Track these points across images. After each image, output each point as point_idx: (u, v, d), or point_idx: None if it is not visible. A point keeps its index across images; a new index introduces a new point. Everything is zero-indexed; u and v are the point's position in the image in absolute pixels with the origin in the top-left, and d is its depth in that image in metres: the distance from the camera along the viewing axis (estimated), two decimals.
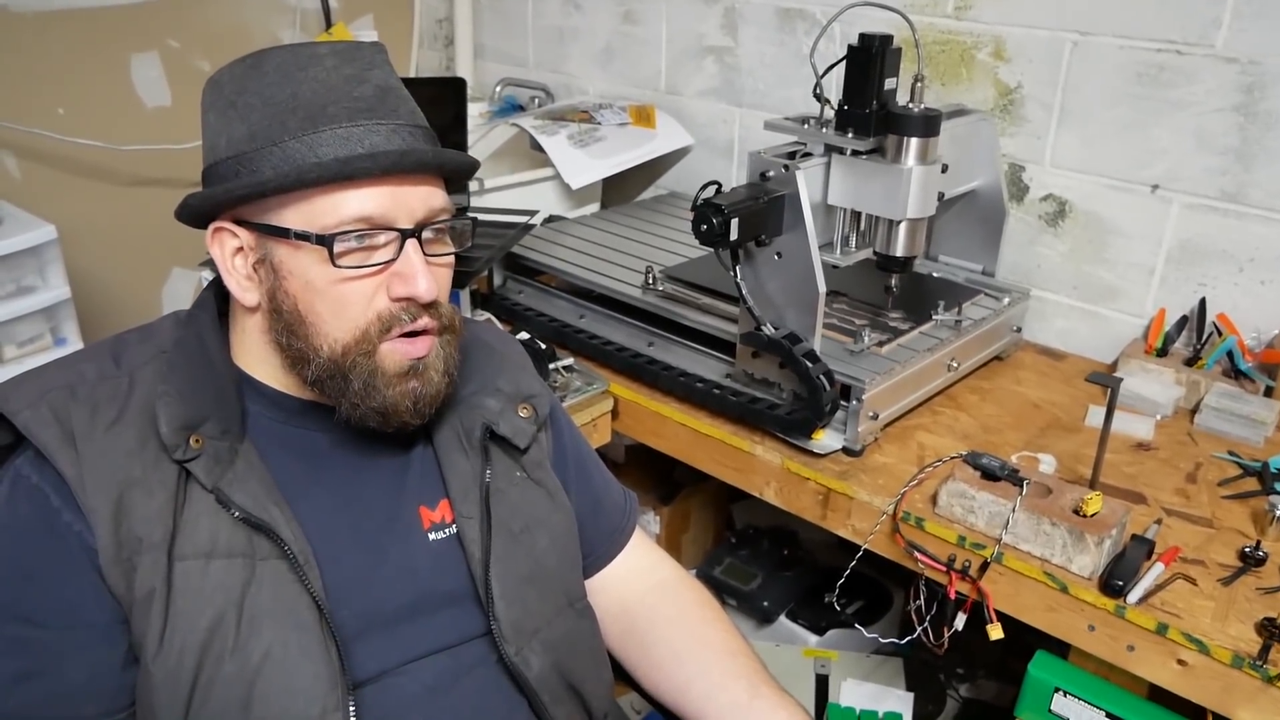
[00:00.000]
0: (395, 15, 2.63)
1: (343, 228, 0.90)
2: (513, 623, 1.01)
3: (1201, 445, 1.49)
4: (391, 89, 0.95)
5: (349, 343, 0.93)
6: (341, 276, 0.91)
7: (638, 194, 2.40)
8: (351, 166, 0.89)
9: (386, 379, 0.94)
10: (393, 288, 0.92)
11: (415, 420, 0.97)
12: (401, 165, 0.91)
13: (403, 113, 0.94)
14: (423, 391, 0.96)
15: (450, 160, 0.96)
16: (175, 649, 0.86)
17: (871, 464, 1.43)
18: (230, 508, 0.90)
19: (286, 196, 0.91)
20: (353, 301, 0.92)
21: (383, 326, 0.93)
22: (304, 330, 0.93)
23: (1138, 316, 1.73)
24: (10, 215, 1.71)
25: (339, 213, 0.90)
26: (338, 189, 0.90)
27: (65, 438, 0.87)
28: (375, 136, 0.91)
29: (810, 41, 1.98)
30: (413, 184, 0.93)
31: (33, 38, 2.01)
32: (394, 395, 0.94)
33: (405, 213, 0.92)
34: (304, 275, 0.92)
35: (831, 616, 1.94)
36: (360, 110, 0.91)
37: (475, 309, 1.84)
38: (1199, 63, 1.56)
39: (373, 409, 0.94)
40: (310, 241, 0.90)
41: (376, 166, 0.89)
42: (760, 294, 1.44)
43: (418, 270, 0.92)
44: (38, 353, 1.71)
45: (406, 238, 0.92)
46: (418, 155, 0.92)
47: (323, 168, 0.88)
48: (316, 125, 0.90)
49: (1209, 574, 1.20)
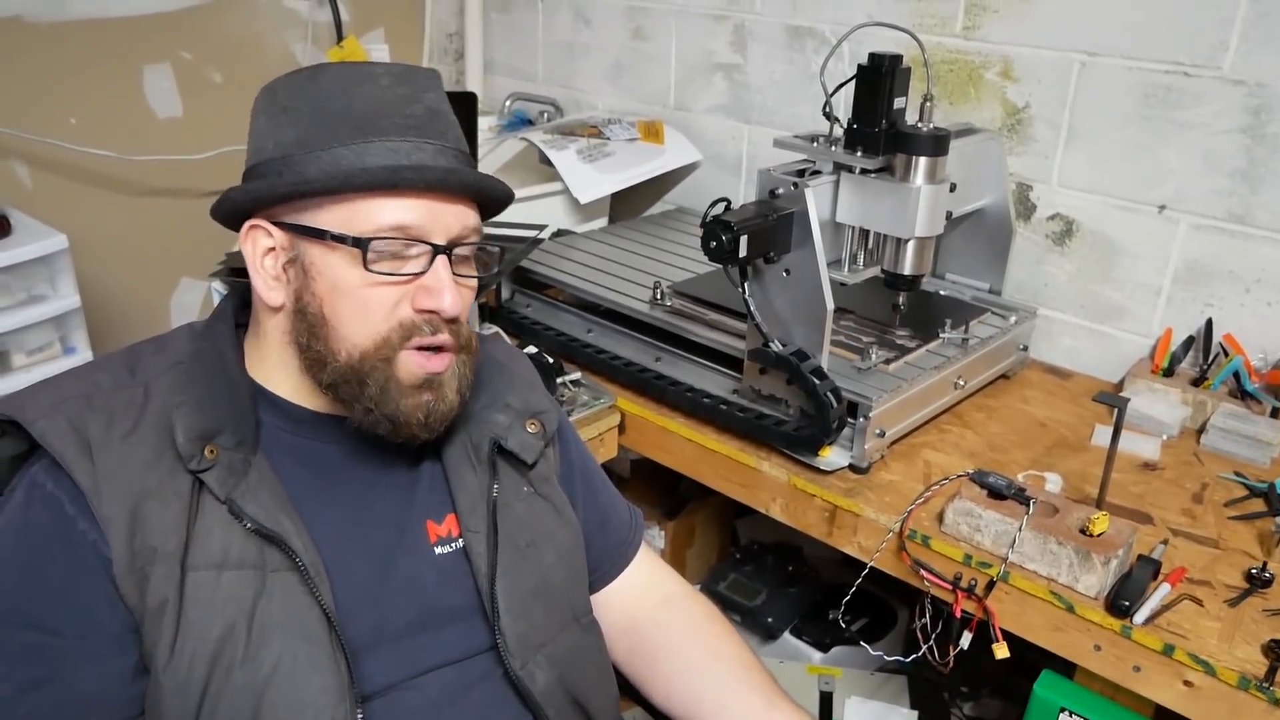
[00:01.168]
0: (406, 29, 2.65)
1: (379, 234, 0.91)
2: (518, 637, 1.01)
3: (1208, 466, 1.49)
4: (442, 113, 0.97)
5: (368, 348, 0.94)
6: (371, 281, 0.92)
7: (646, 209, 2.41)
8: (398, 176, 0.91)
9: (401, 388, 0.94)
10: (418, 299, 0.94)
11: (424, 434, 0.97)
12: (446, 183, 0.94)
13: (450, 136, 0.97)
14: (435, 406, 0.97)
15: (490, 188, 0.99)
16: (185, 659, 0.86)
17: (878, 481, 1.43)
18: (242, 519, 0.90)
19: (327, 199, 0.92)
20: (377, 308, 0.93)
21: (404, 334, 0.94)
22: (325, 332, 0.94)
23: (1144, 336, 1.73)
24: (22, 224, 1.72)
25: (377, 220, 0.92)
26: (379, 197, 0.92)
27: (81, 447, 0.88)
28: (422, 153, 0.93)
29: (819, 59, 1.99)
30: (450, 203, 0.95)
31: (46, 47, 2.02)
32: (408, 405, 0.95)
33: (440, 229, 0.94)
34: (334, 277, 0.93)
35: (836, 633, 1.94)
36: (410, 127, 0.94)
37: (483, 322, 1.85)
38: (1206, 85, 1.57)
39: (385, 416, 0.95)
40: (346, 244, 0.91)
41: (421, 179, 0.92)
42: (768, 310, 1.45)
43: (445, 285, 0.94)
44: (47, 361, 1.72)
45: (439, 253, 0.94)
46: (461, 176, 0.95)
47: (370, 173, 0.91)
48: (366, 136, 0.92)
49: (1215, 595, 1.20)
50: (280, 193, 0.93)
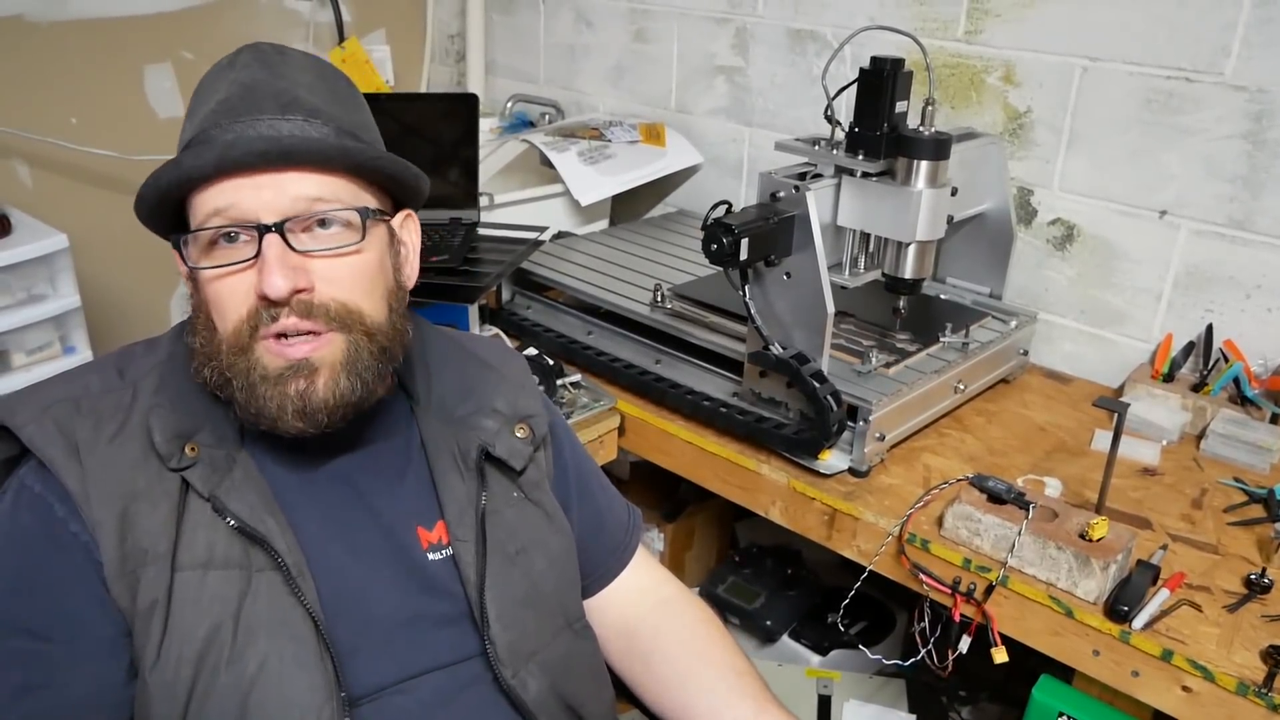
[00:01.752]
0: (407, 30, 2.65)
1: (199, 226, 0.89)
2: (509, 645, 1.00)
3: (1207, 471, 1.49)
4: (255, 84, 0.91)
5: (229, 343, 0.90)
6: (209, 276, 0.90)
7: (646, 211, 2.41)
8: (185, 166, 0.88)
9: (268, 381, 0.90)
10: (256, 285, 0.89)
11: (307, 425, 0.91)
12: (228, 158, 0.87)
13: (267, 106, 0.90)
14: (311, 393, 0.90)
15: (294, 146, 0.89)
16: (172, 659, 0.86)
17: (878, 485, 1.43)
18: (226, 515, 0.90)
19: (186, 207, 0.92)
20: (225, 301, 0.90)
21: (251, 325, 0.89)
22: (207, 334, 0.92)
23: (1145, 341, 1.73)
24: (22, 223, 1.72)
25: (199, 213, 0.90)
26: (198, 191, 0.89)
27: (69, 451, 0.87)
28: (227, 135, 0.89)
29: (820, 63, 1.99)
30: (271, 175, 0.89)
31: (47, 47, 2.02)
32: (276, 397, 0.90)
33: (264, 206, 0.88)
34: (196, 279, 0.93)
35: (834, 637, 1.94)
36: (223, 113, 0.90)
37: (483, 324, 1.85)
38: (1208, 90, 1.57)
39: (258, 411, 0.90)
40: (174, 245, 0.91)
41: (204, 162, 0.87)
42: (769, 313, 1.45)
43: (269, 265, 0.87)
44: (46, 361, 1.71)
45: (264, 233, 0.88)
46: (243, 145, 0.87)
47: (165, 172, 0.88)
48: (193, 135, 0.91)
49: (1214, 601, 1.20)
50: (139, 212, 0.92)
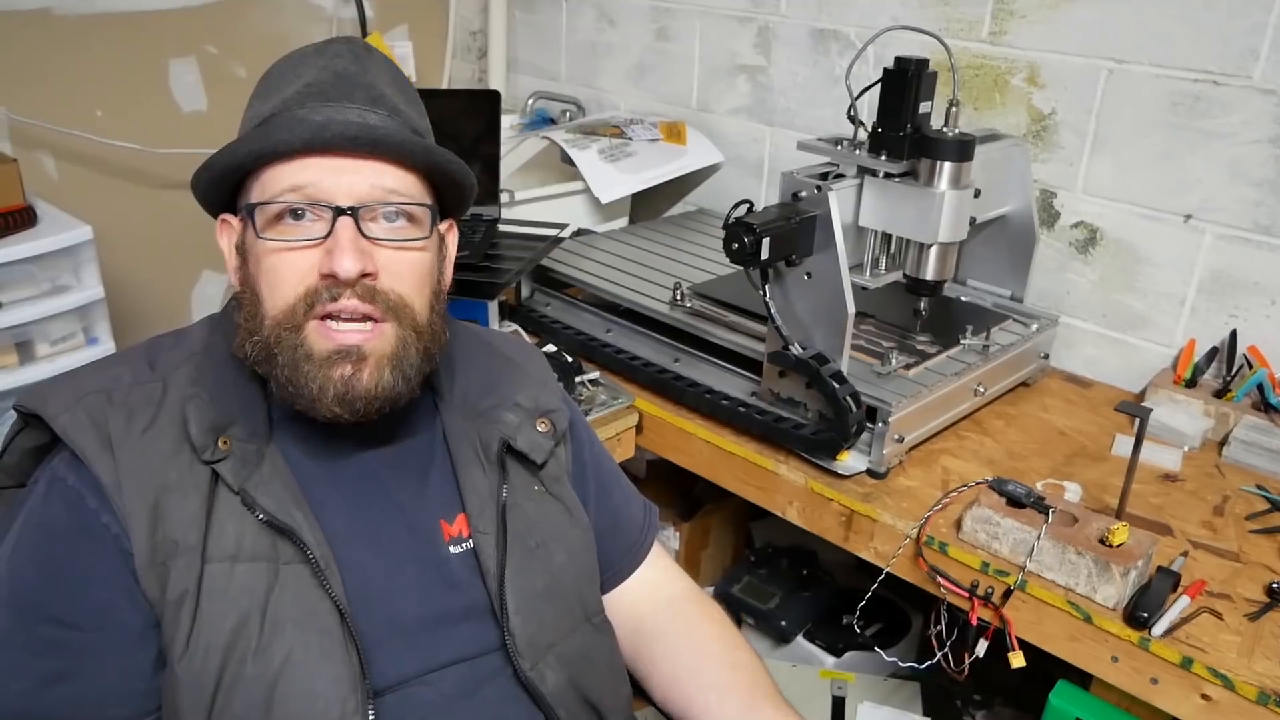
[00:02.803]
0: (430, 26, 2.66)
1: (274, 199, 0.91)
2: (528, 638, 1.00)
3: (1230, 478, 1.48)
4: (348, 74, 0.95)
5: (278, 317, 0.91)
6: (271, 249, 0.92)
7: (667, 209, 2.41)
8: (273, 139, 0.90)
9: (314, 361, 0.91)
10: (322, 264, 0.91)
11: (344, 412, 0.92)
12: (321, 136, 0.90)
13: (358, 96, 0.94)
14: (355, 381, 0.92)
15: (385, 137, 0.92)
16: (200, 650, 0.86)
17: (896, 487, 1.43)
18: (255, 509, 0.90)
19: (250, 180, 0.94)
20: (284, 276, 0.91)
21: (307, 303, 0.91)
22: (255, 308, 0.93)
23: (1167, 346, 1.72)
24: (47, 215, 1.73)
25: (274, 186, 0.92)
26: (277, 164, 0.91)
27: (102, 442, 0.88)
28: (317, 115, 0.92)
29: (843, 63, 1.99)
30: (356, 161, 0.92)
31: (74, 40, 2.04)
32: (320, 379, 0.91)
33: (343, 190, 0.91)
34: (254, 251, 0.94)
35: (850, 638, 1.93)
36: (312, 94, 0.93)
37: (503, 320, 1.85)
38: (1235, 93, 1.56)
39: (299, 392, 0.91)
40: (244, 214, 0.93)
41: (295, 137, 0.90)
42: (789, 313, 1.44)
43: (342, 246, 0.90)
44: (69, 351, 1.73)
45: (340, 215, 0.90)
46: (338, 126, 0.91)
47: (247, 141, 0.92)
48: (274, 112, 0.94)
49: (1235, 609, 1.19)
50: (201, 180, 0.95)
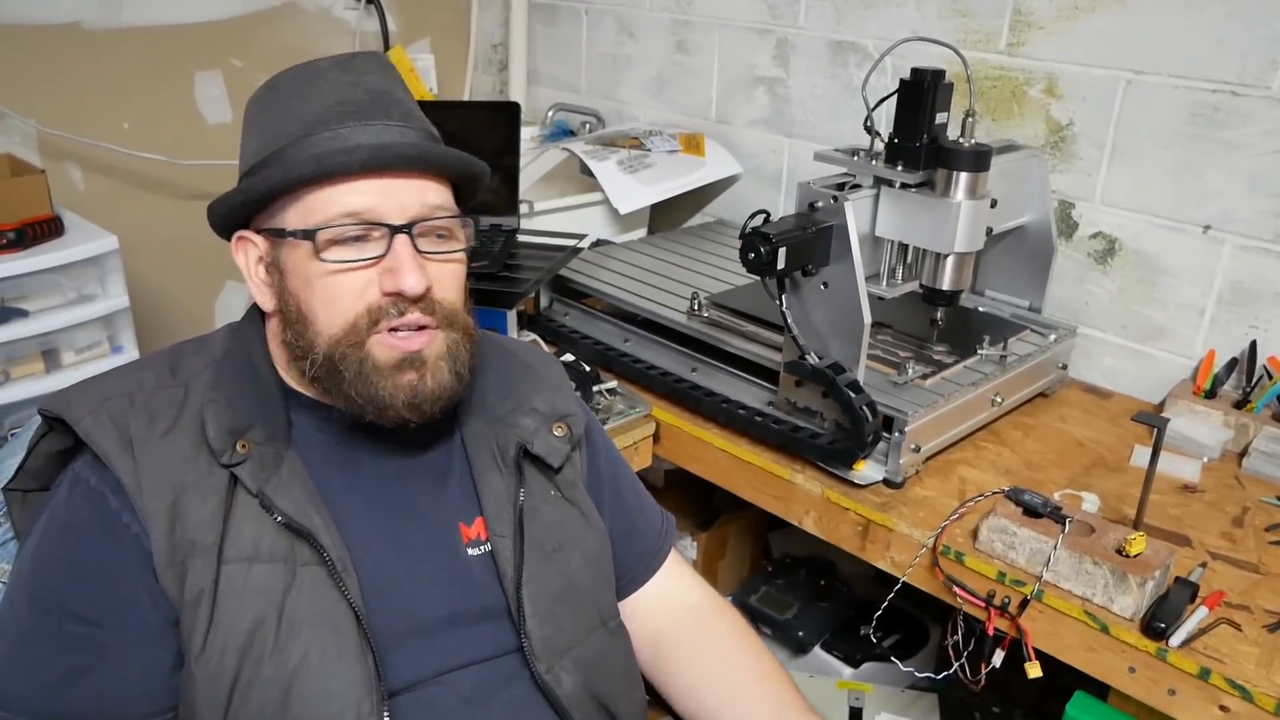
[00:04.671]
0: (451, 39, 2.68)
1: (330, 223, 0.93)
2: (544, 641, 1.01)
3: (1249, 489, 1.47)
4: (384, 92, 0.98)
5: (338, 335, 0.94)
6: (329, 270, 0.93)
7: (685, 220, 2.42)
8: (329, 162, 0.92)
9: (380, 371, 0.94)
10: (383, 282, 0.94)
11: (413, 415, 0.96)
12: (380, 158, 0.93)
13: (395, 114, 0.97)
14: (422, 386, 0.95)
15: (436, 156, 0.96)
16: (217, 650, 0.88)
17: (912, 496, 1.43)
18: (273, 512, 0.92)
19: (286, 199, 0.95)
20: (342, 295, 0.94)
21: (371, 319, 0.94)
22: (303, 327, 0.96)
23: (1186, 357, 1.71)
24: (74, 225, 1.76)
25: (327, 209, 0.93)
26: (327, 186, 0.93)
27: (124, 444, 0.90)
28: (361, 135, 0.94)
29: (861, 74, 1.99)
30: (404, 180, 0.94)
31: (102, 54, 2.07)
32: (389, 387, 0.94)
33: (395, 209, 0.94)
34: (302, 272, 0.95)
35: (867, 649, 1.93)
36: (350, 113, 0.95)
37: (521, 330, 1.86)
38: (1255, 104, 1.55)
39: (368, 401, 0.95)
40: (299, 238, 0.93)
41: (354, 160, 0.92)
42: (805, 323, 1.45)
43: (404, 264, 0.93)
44: (95, 359, 1.75)
45: (396, 233, 0.93)
46: (397, 149, 0.94)
47: (302, 165, 0.92)
48: (310, 131, 0.94)
49: (1254, 620, 1.18)
50: (234, 202, 0.96)
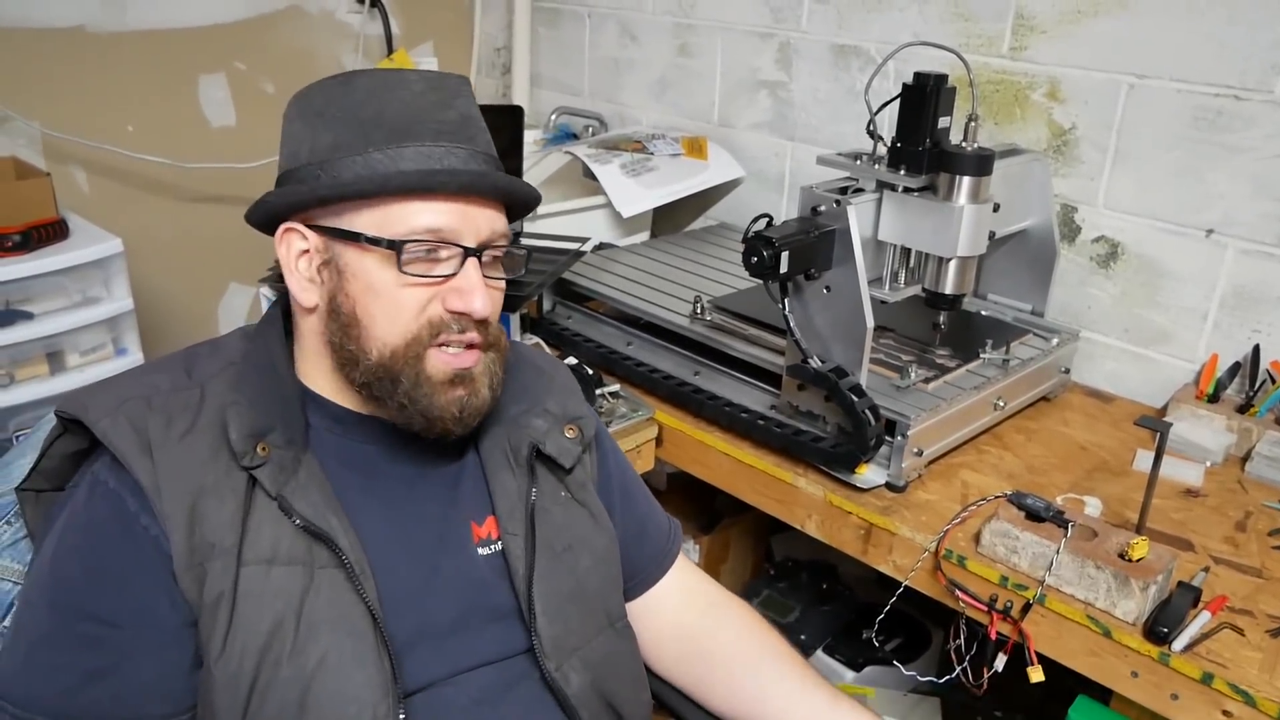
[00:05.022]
0: (454, 43, 2.69)
1: (413, 236, 0.94)
2: (554, 640, 1.02)
3: (1252, 494, 1.47)
4: (473, 118, 1.00)
5: (399, 346, 0.96)
6: (404, 282, 0.94)
7: (688, 224, 2.43)
8: (434, 179, 0.94)
9: (433, 385, 0.96)
10: (449, 300, 0.96)
11: (458, 429, 0.99)
12: (478, 186, 0.96)
13: (480, 141, 0.99)
14: (469, 401, 0.98)
15: (520, 191, 1.01)
16: (236, 651, 0.88)
17: (915, 500, 1.43)
18: (292, 515, 0.92)
19: (363, 203, 0.95)
20: (408, 307, 0.96)
21: (433, 333, 0.96)
22: (357, 332, 0.96)
23: (1189, 361, 1.71)
24: (79, 228, 1.77)
25: (410, 222, 0.94)
26: (413, 200, 0.94)
27: (142, 447, 0.90)
28: (453, 158, 0.96)
29: (864, 78, 2.00)
30: (481, 207, 0.97)
31: (106, 57, 2.07)
32: (441, 401, 0.97)
33: (470, 231, 0.96)
34: (368, 279, 0.95)
35: (869, 653, 1.93)
36: (444, 133, 0.96)
37: (525, 333, 1.86)
38: (1257, 108, 1.55)
39: (419, 412, 0.97)
40: (381, 246, 0.94)
41: (455, 183, 0.95)
42: (808, 327, 1.45)
43: (475, 287, 0.96)
44: (99, 362, 1.76)
45: (469, 255, 0.96)
46: (493, 180, 0.97)
47: (406, 176, 0.93)
48: (401, 141, 0.95)
49: (1257, 625, 1.18)
50: (319, 196, 0.95)
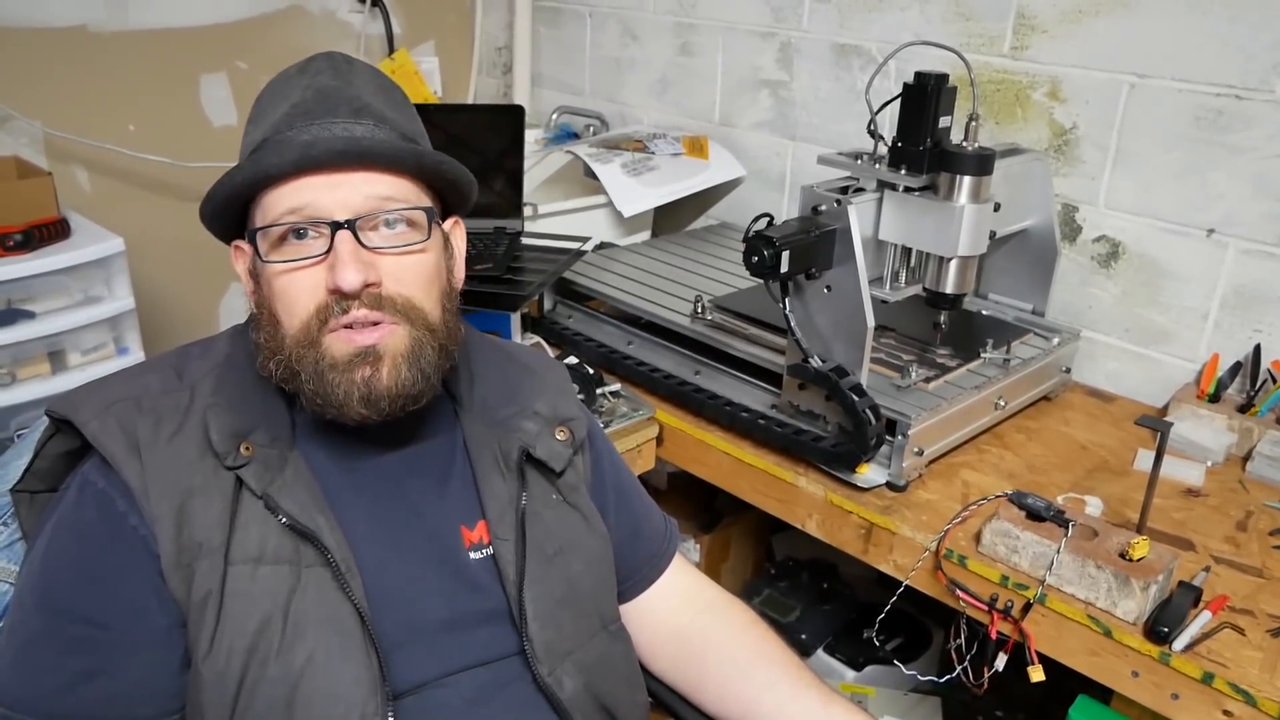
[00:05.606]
0: (456, 42, 2.69)
1: (277, 222, 0.93)
2: (546, 644, 1.01)
3: (1253, 493, 1.47)
4: (330, 90, 0.97)
5: (295, 335, 0.94)
6: (277, 270, 0.94)
7: (689, 223, 2.43)
8: (263, 165, 0.92)
9: (336, 367, 0.93)
10: (327, 279, 0.93)
11: (369, 413, 0.94)
12: (309, 155, 0.92)
13: (341, 110, 0.96)
14: (375, 382, 0.94)
15: (370, 148, 0.94)
16: (224, 651, 0.88)
17: (915, 500, 1.43)
18: (278, 513, 0.92)
19: (252, 206, 0.96)
20: (295, 295, 0.94)
21: (320, 319, 0.93)
22: (273, 329, 0.96)
23: (1190, 361, 1.71)
24: (81, 227, 1.77)
25: (273, 210, 0.93)
26: (275, 188, 0.93)
27: (131, 448, 0.90)
28: (304, 135, 0.94)
29: (865, 77, 1.99)
30: (346, 174, 0.93)
31: (108, 56, 2.08)
32: (344, 384, 0.93)
33: (337, 204, 0.93)
34: (263, 275, 0.96)
35: (870, 652, 1.93)
36: (298, 115, 0.95)
37: (525, 332, 1.87)
38: (1259, 108, 1.55)
39: (325, 399, 0.94)
40: (246, 240, 0.95)
41: (285, 161, 0.91)
42: (809, 326, 1.45)
43: (343, 260, 0.92)
44: (100, 361, 1.76)
45: (337, 229, 0.92)
46: (324, 144, 0.92)
47: (241, 170, 0.93)
48: (267, 134, 0.95)
49: (1258, 624, 1.18)
50: (206, 211, 0.97)
